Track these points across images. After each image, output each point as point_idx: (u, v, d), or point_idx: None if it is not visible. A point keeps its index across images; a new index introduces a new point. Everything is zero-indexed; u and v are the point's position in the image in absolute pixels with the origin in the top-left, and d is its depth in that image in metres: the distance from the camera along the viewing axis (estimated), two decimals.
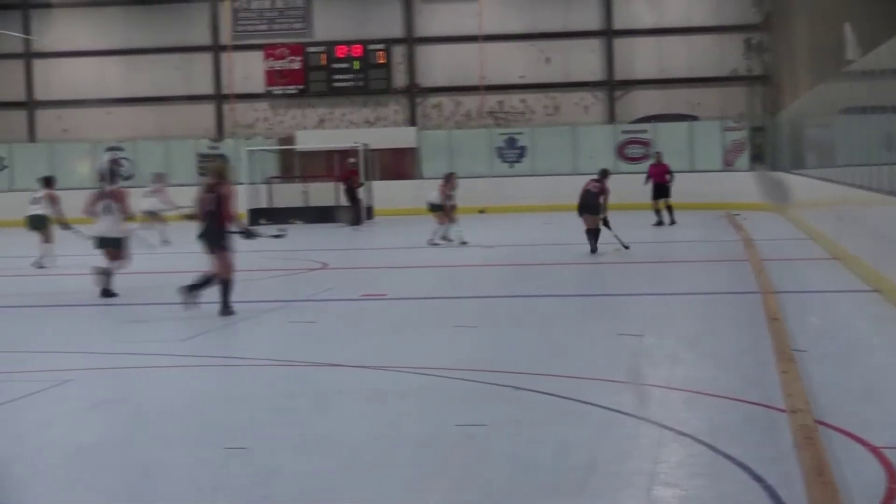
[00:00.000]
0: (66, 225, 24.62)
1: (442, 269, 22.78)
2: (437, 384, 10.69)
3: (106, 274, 18.64)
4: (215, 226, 15.77)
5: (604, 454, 8.09)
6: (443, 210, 26.98)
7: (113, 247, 18.88)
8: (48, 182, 27.04)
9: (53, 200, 25.52)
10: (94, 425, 9.56)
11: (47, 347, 13.83)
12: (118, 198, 19.28)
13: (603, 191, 24.04)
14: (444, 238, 26.87)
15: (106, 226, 19.04)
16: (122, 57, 48.19)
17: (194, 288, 16.01)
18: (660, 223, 33.07)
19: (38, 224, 25.74)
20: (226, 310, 15.77)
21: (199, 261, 16.99)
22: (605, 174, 24.85)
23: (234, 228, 16.02)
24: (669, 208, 33.64)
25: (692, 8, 45.50)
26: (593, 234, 23.77)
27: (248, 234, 16.65)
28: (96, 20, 48.27)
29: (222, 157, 39.56)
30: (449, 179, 27.54)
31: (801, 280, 18.75)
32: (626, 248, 23.80)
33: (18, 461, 8.39)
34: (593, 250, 23.55)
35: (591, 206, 23.79)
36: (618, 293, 17.97)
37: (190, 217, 16.53)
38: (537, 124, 45.58)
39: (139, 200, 28.61)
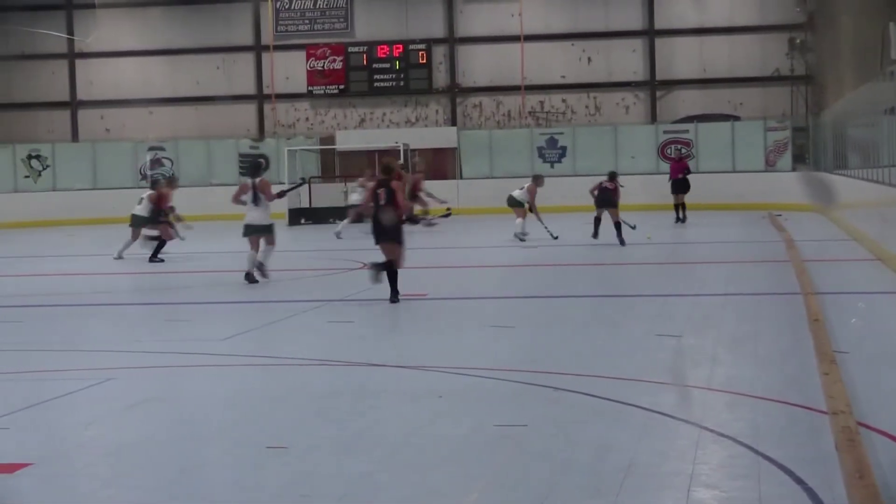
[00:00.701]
0: (177, 219, 27.07)
1: (481, 269, 22.77)
2: (476, 384, 10.69)
3: (262, 255, 20.34)
4: (393, 221, 17.03)
5: (643, 455, 8.06)
6: (522, 207, 27.73)
7: (265, 233, 20.31)
8: (157, 184, 29.06)
9: (158, 200, 26.93)
10: (136, 424, 9.61)
11: (89, 346, 13.92)
12: (264, 189, 20.38)
13: (616, 189, 26.25)
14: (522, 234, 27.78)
15: (255, 215, 20.34)
16: (164, 57, 48.43)
17: (377, 267, 17.27)
18: (679, 220, 33.96)
19: (137, 222, 27.33)
20: (394, 296, 16.86)
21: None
22: (613, 176, 27.01)
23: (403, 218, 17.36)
24: (682, 206, 34.23)
25: (735, 8, 45.28)
26: (618, 227, 25.83)
27: (414, 221, 17.49)
28: (139, 20, 48.53)
29: (392, 154, 39.65)
30: (537, 180, 28.52)
31: (843, 281, 18.63)
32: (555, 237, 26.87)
33: (61, 459, 8.44)
34: (622, 243, 25.50)
35: (611, 201, 26.09)
36: (657, 294, 17.90)
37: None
38: (578, 124, 45.48)
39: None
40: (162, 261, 24.88)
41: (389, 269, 17.01)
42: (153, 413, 10.03)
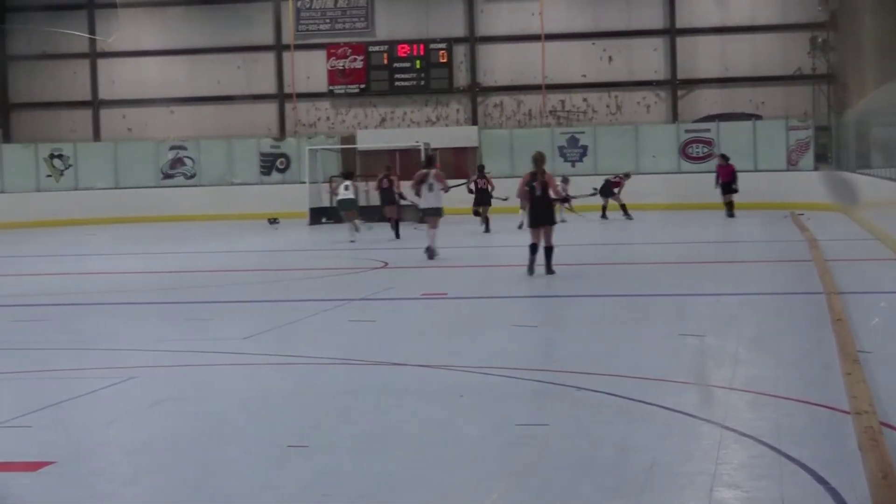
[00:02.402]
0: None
1: (501, 268, 22.75)
2: (498, 384, 10.67)
3: (429, 237, 23.90)
4: (544, 206, 19.66)
5: (665, 455, 8.03)
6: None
7: (436, 215, 23.90)
8: (348, 175, 32.97)
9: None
10: (157, 422, 9.62)
11: (111, 345, 13.94)
12: (440, 178, 24.08)
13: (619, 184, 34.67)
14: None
15: (431, 199, 23.91)
16: (185, 56, 48.55)
17: (545, 256, 19.74)
18: (733, 214, 35.49)
19: (347, 206, 31.07)
20: (550, 270, 19.70)
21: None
22: (627, 175, 35.80)
23: (555, 199, 20.25)
24: (731, 204, 35.57)
25: (756, 6, 45.16)
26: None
27: (566, 200, 22.04)
28: (160, 20, 48.65)
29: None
30: (566, 180, 31.82)
31: (865, 281, 18.56)
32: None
33: (83, 457, 8.46)
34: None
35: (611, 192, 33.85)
36: (680, 293, 17.86)
37: None
38: (599, 123, 45.43)
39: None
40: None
41: (543, 248, 19.74)
42: (174, 412, 10.04)
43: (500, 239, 29.41)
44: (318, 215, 38.87)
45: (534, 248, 19.69)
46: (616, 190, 35.95)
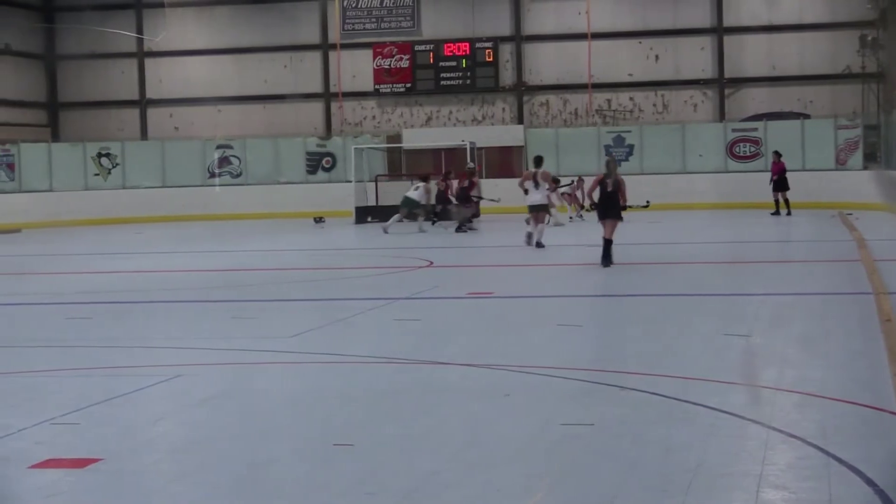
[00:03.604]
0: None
1: (547, 267, 22.71)
2: (543, 383, 10.65)
3: (537, 232, 25.90)
4: (614, 202, 21.15)
5: (711, 455, 7.99)
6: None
7: (542, 211, 26.07)
8: (426, 178, 34.40)
9: (428, 191, 31.41)
10: (203, 420, 9.66)
11: (158, 343, 14.02)
12: (545, 177, 26.15)
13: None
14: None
15: (536, 196, 25.68)
16: (232, 56, 48.78)
17: (606, 253, 21.11)
18: (777, 213, 35.74)
19: (407, 205, 33.19)
20: (607, 261, 21.04)
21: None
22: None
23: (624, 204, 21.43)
24: (786, 201, 35.75)
25: (805, 5, 44.90)
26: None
27: (624, 207, 21.54)
28: (208, 19, 48.91)
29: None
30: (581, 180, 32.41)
31: None
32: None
33: (130, 454, 8.51)
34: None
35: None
36: (726, 293, 17.77)
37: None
38: (645, 122, 45.31)
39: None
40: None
41: (607, 241, 21.15)
42: (221, 409, 10.08)
43: (547, 238, 29.34)
44: (364, 214, 38.91)
45: (609, 243, 21.20)
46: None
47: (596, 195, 21.48)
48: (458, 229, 32.72)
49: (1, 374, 11.91)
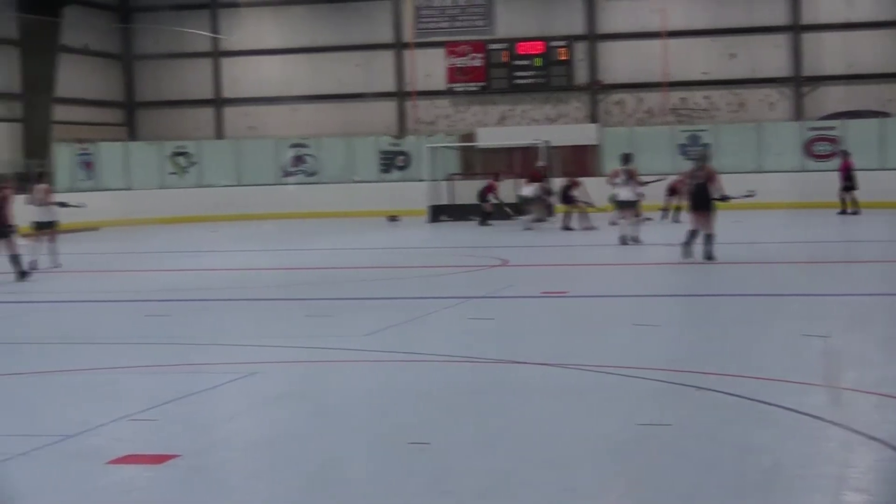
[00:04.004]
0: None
1: (623, 267, 22.61)
2: (619, 383, 10.60)
3: (631, 228, 26.42)
4: (705, 195, 21.62)
5: (789, 457, 7.91)
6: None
7: (630, 207, 26.62)
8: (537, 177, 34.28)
9: (546, 190, 31.55)
10: (279, 418, 9.70)
11: (233, 340, 14.10)
12: (633, 174, 26.75)
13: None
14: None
15: (624, 193, 26.45)
16: (306, 55, 49.02)
17: (687, 244, 21.65)
18: (844, 212, 35.47)
19: (525, 202, 33.50)
20: (709, 255, 21.42)
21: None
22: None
23: (716, 196, 21.76)
24: (854, 200, 35.50)
25: (883, 2, 44.34)
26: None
27: (725, 199, 21.98)
28: (282, 19, 49.19)
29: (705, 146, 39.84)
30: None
31: None
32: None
33: (206, 451, 8.56)
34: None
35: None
36: (804, 293, 17.58)
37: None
38: (721, 121, 44.97)
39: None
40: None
41: (706, 235, 21.52)
42: (296, 407, 10.12)
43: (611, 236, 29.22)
44: (438, 213, 38.93)
45: (693, 234, 21.66)
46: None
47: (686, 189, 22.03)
48: (527, 226, 32.75)
49: (81, 371, 12.05)
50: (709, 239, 21.59)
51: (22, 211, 23.84)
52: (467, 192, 39.13)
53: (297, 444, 8.72)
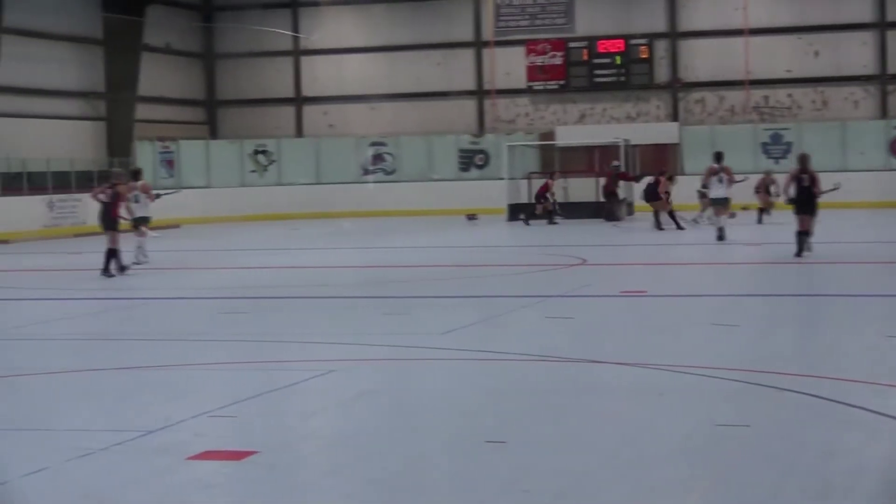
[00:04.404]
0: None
1: (701, 266, 22.45)
2: (698, 383, 10.50)
3: (720, 223, 26.92)
4: (810, 197, 21.98)
5: (871, 459, 7.79)
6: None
7: (723, 205, 27.30)
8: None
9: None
10: (357, 415, 9.72)
11: (311, 338, 14.15)
12: (728, 171, 27.20)
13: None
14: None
15: (720, 190, 27.10)
16: (386, 53, 49.12)
17: (801, 247, 21.84)
18: None
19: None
20: (802, 252, 21.72)
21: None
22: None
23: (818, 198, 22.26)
24: None
25: None
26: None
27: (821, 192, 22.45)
28: (362, 18, 49.33)
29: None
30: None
31: None
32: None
33: (285, 447, 8.60)
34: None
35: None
36: (888, 293, 17.32)
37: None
38: (804, 119, 44.47)
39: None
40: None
41: (804, 233, 21.92)
42: (374, 405, 10.14)
43: (703, 236, 29.02)
44: (517, 211, 38.84)
45: (804, 235, 21.93)
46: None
47: (792, 191, 22.02)
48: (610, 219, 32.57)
49: (162, 367, 12.16)
50: (804, 236, 21.98)
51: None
52: None
53: (374, 442, 8.73)
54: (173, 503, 7.36)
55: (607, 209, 36.45)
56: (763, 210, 33.14)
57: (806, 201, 22.01)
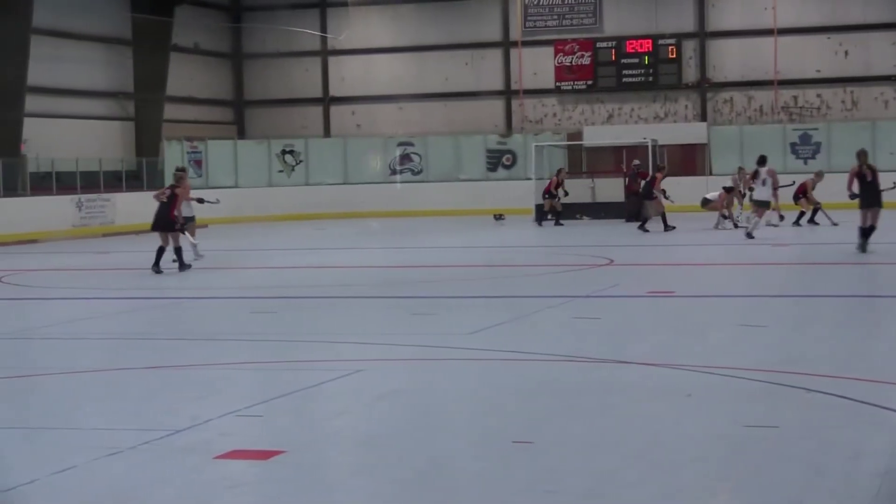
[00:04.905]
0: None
1: (729, 267, 22.37)
2: (726, 383, 10.46)
3: (752, 224, 27.37)
4: (875, 190, 22.53)
5: None
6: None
7: (764, 207, 27.80)
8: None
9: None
10: (384, 415, 9.72)
11: (338, 337, 14.16)
12: (772, 174, 27.86)
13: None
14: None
15: (762, 193, 27.72)
16: (413, 53, 49.17)
17: (864, 241, 22.39)
18: None
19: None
20: (864, 248, 22.26)
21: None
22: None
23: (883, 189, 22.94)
24: None
25: None
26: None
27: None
28: (390, 18, 49.39)
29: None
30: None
31: None
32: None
33: (312, 447, 8.60)
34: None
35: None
36: None
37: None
38: (833, 120, 44.28)
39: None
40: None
41: (859, 228, 22.54)
42: (401, 405, 10.14)
43: (731, 237, 28.94)
44: (545, 212, 38.78)
45: (864, 230, 22.43)
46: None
47: (855, 187, 22.53)
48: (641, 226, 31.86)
49: (189, 367, 12.19)
50: (870, 232, 22.51)
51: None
52: (574, 191, 38.88)
53: (400, 442, 8.73)
54: (200, 502, 7.37)
55: (629, 209, 36.20)
56: (814, 211, 32.40)
57: (871, 196, 22.51)
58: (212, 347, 13.63)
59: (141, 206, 39.23)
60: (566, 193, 36.59)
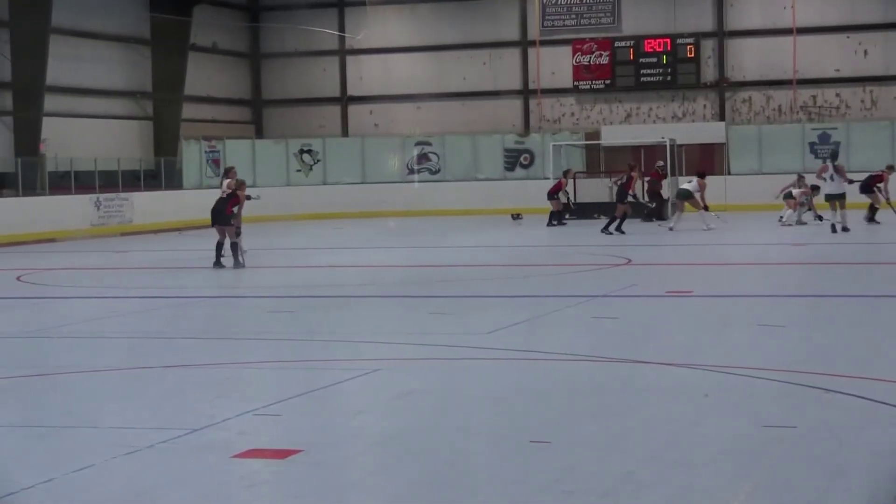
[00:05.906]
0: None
1: (748, 266, 22.31)
2: (744, 384, 10.43)
3: (840, 217, 27.85)
4: None
5: None
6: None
7: (838, 199, 28.19)
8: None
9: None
10: (402, 414, 9.72)
11: (356, 337, 14.17)
12: (840, 170, 28.51)
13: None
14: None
15: (833, 186, 28.16)
16: (431, 53, 49.14)
17: None
18: None
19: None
20: None
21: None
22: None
23: None
24: None
25: None
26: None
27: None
28: (408, 17, 49.37)
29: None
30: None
31: None
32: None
33: (330, 446, 8.60)
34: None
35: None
36: None
37: None
38: (853, 119, 44.12)
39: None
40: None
41: None
42: (419, 404, 10.13)
43: (749, 237, 28.87)
44: (562, 211, 38.72)
45: None
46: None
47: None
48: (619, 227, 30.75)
49: (208, 366, 12.21)
50: None
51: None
52: (591, 190, 38.86)
53: (419, 441, 8.73)
54: (218, 501, 7.38)
55: (649, 210, 36.16)
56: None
57: None
58: (230, 346, 13.65)
59: (159, 205, 39.48)
60: (567, 197, 36.57)
